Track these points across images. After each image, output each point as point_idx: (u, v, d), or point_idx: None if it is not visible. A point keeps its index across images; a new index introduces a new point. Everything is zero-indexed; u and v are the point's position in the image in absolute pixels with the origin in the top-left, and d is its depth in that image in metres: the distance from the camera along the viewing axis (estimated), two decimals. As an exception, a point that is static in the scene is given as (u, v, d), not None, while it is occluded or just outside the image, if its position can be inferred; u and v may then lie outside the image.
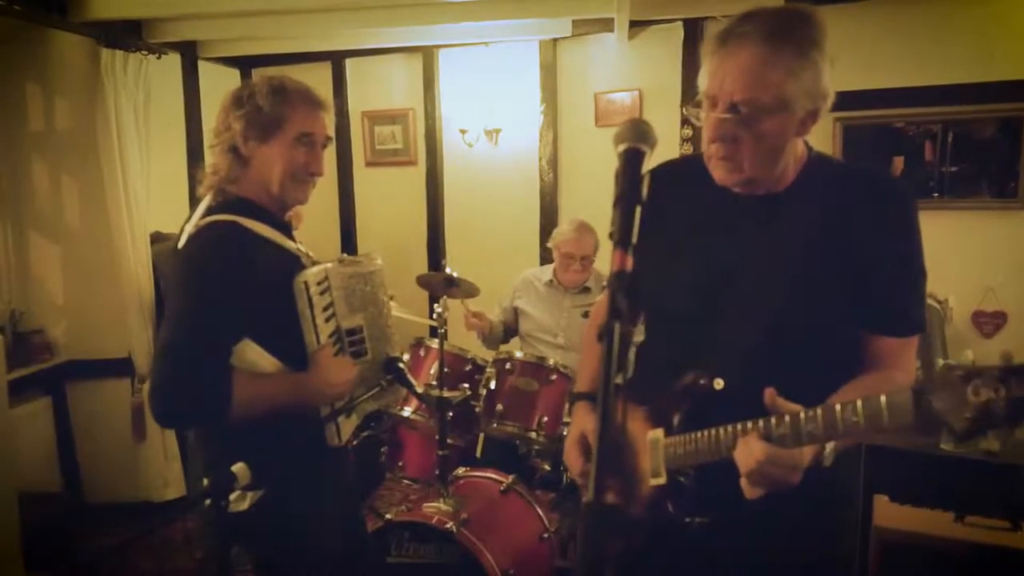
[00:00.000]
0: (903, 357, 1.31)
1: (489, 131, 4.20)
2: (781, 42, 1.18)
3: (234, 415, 1.55)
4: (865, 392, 1.16)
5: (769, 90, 1.18)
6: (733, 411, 1.16)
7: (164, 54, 3.83)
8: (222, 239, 1.60)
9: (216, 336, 1.56)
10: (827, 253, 1.25)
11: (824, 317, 1.27)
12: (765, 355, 1.26)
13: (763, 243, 1.30)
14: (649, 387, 1.41)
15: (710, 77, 1.23)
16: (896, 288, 1.28)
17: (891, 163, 3.43)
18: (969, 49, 3.22)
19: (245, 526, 1.55)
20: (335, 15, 3.74)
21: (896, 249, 1.28)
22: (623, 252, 0.89)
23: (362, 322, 1.84)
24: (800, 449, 1.09)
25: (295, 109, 1.67)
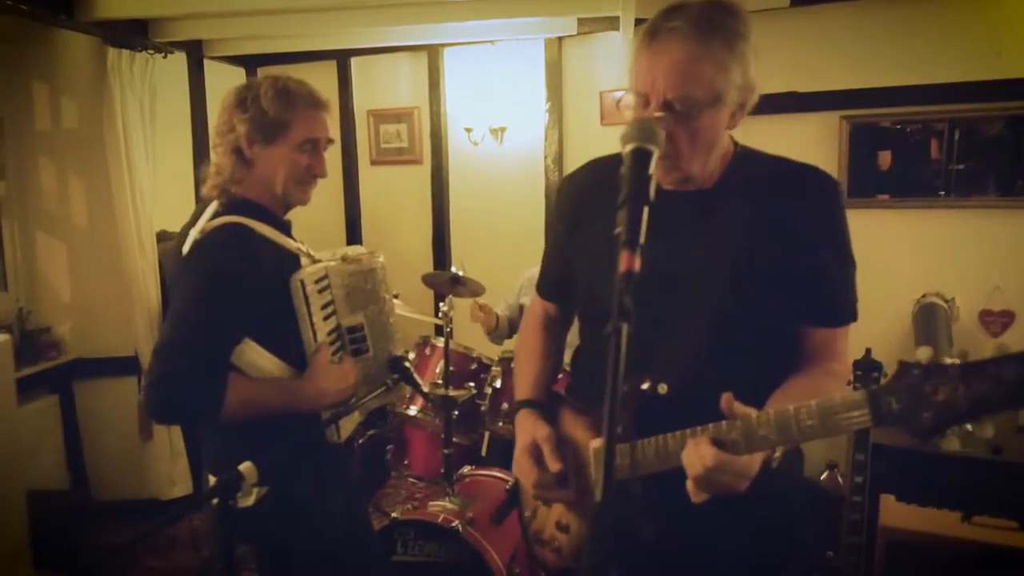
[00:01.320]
0: (838, 347, 1.32)
1: (494, 129, 4.20)
2: (710, 36, 1.16)
3: (227, 416, 1.56)
4: (807, 388, 1.19)
5: (702, 85, 1.16)
6: (678, 416, 1.14)
7: (170, 53, 3.84)
8: (230, 242, 1.61)
9: (215, 337, 1.57)
10: (761, 248, 1.24)
11: (763, 313, 1.26)
12: (707, 356, 1.25)
13: (696, 241, 1.27)
14: (588, 394, 1.38)
15: (640, 75, 1.19)
16: (829, 278, 1.28)
17: (877, 158, 3.42)
18: (976, 46, 3.20)
19: (249, 523, 1.56)
20: (340, 14, 3.74)
21: (826, 239, 1.27)
22: (631, 252, 0.89)
23: (363, 320, 1.84)
24: (751, 456, 1.07)
25: (299, 113, 1.68)
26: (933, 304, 3.19)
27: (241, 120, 1.65)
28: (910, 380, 0.88)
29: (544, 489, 1.35)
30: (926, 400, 0.86)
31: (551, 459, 1.32)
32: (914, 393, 0.88)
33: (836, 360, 1.30)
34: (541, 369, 1.54)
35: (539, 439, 1.35)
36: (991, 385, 0.82)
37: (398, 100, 4.48)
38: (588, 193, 1.42)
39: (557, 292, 1.57)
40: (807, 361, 1.28)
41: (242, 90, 1.69)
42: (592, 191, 1.41)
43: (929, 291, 3.27)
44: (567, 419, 1.43)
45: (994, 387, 0.82)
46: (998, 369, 0.82)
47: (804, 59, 3.50)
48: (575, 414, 1.41)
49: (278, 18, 3.74)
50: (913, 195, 3.38)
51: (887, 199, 3.44)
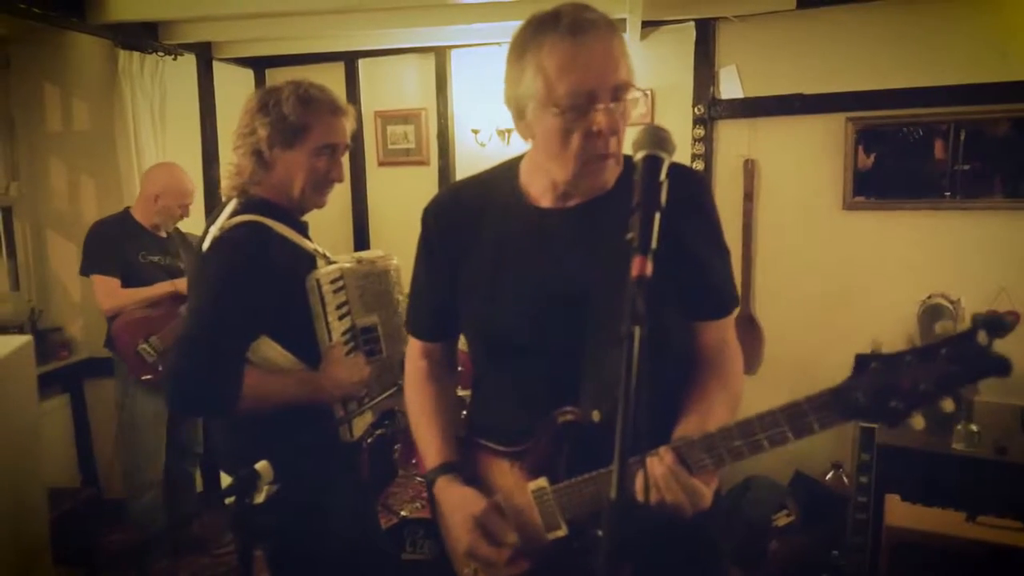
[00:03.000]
0: (730, 337, 1.33)
1: (501, 131, 4.21)
2: (616, 29, 1.15)
3: (244, 409, 1.59)
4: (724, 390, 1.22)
5: (628, 71, 1.14)
6: (613, 443, 1.09)
7: (180, 55, 3.87)
8: (248, 239, 1.64)
9: (233, 331, 1.61)
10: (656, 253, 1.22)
11: (669, 317, 1.24)
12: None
13: (596, 253, 1.21)
14: (498, 430, 1.32)
15: (579, 70, 1.10)
16: (715, 271, 1.29)
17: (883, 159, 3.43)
18: (982, 48, 3.21)
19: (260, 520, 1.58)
20: (348, 16, 3.76)
21: (708, 233, 1.28)
22: (643, 258, 0.92)
23: (377, 321, 1.87)
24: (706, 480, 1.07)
25: (320, 119, 1.71)
26: (939, 305, 3.20)
27: (262, 123, 1.68)
28: (871, 372, 0.93)
29: (498, 567, 1.24)
30: (890, 389, 0.91)
31: (505, 532, 1.23)
32: (877, 384, 0.92)
33: (732, 349, 1.32)
34: (444, 425, 1.41)
35: (480, 513, 1.24)
36: (946, 365, 0.87)
37: (405, 101, 4.51)
38: (462, 220, 1.34)
39: (440, 330, 1.46)
40: (706, 358, 1.29)
41: (264, 94, 1.72)
42: (466, 218, 1.34)
43: (935, 292, 3.28)
44: (486, 465, 1.34)
45: (949, 366, 0.87)
46: (949, 349, 0.87)
47: (810, 61, 3.51)
48: (495, 458, 1.31)
49: (286, 20, 3.77)
50: (919, 196, 3.39)
51: (892, 200, 3.45)
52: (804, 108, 3.52)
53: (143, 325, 3.09)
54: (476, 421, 1.44)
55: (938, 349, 0.88)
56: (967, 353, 0.86)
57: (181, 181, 3.26)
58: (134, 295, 3.12)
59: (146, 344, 3.08)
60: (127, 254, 3.16)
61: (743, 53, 3.65)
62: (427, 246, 1.40)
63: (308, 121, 1.70)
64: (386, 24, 3.79)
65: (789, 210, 3.59)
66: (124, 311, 3.09)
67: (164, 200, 3.19)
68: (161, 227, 3.25)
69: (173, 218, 3.26)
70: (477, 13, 3.59)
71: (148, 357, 3.08)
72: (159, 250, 3.25)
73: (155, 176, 3.25)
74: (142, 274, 3.16)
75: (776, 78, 3.58)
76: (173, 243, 3.30)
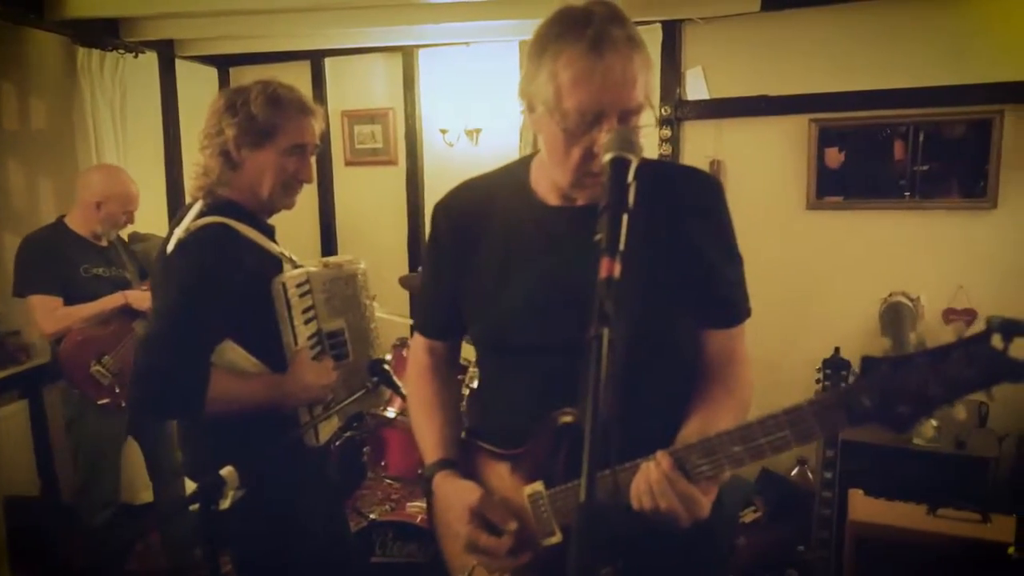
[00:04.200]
0: (739, 347, 1.31)
1: (470, 131, 4.21)
2: (639, 39, 1.12)
3: (209, 412, 1.57)
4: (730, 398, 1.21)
5: (644, 92, 1.12)
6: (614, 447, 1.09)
7: (141, 52, 3.80)
8: (213, 241, 1.62)
9: (198, 334, 1.59)
10: (664, 256, 1.21)
11: (678, 324, 1.24)
12: (632, 380, 1.15)
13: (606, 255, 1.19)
14: (497, 434, 1.31)
15: (590, 90, 1.08)
16: (725, 279, 1.27)
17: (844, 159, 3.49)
18: (940, 52, 3.28)
19: (225, 527, 1.56)
20: (314, 15, 3.72)
21: (719, 240, 1.27)
22: (611, 259, 0.92)
23: (343, 325, 1.86)
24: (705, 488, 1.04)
25: (289, 119, 1.69)
26: (899, 303, 3.27)
27: (230, 124, 1.66)
28: (880, 375, 0.88)
29: (500, 558, 1.20)
30: (899, 393, 0.86)
31: (506, 519, 1.19)
32: (886, 388, 0.87)
33: (740, 361, 1.30)
34: (444, 421, 1.40)
35: (478, 503, 1.21)
36: (958, 369, 0.83)
37: (373, 101, 4.48)
38: (472, 218, 1.33)
39: (446, 328, 1.45)
40: (714, 368, 1.27)
41: (232, 94, 1.70)
42: (475, 216, 1.33)
43: (895, 290, 3.35)
44: (484, 467, 1.32)
45: (961, 370, 0.82)
46: (962, 352, 0.83)
47: (775, 63, 3.56)
48: (492, 461, 1.30)
49: (251, 18, 3.72)
50: (879, 196, 3.46)
51: (855, 200, 3.51)
52: (769, 109, 3.57)
53: (94, 345, 2.83)
54: (476, 423, 1.42)
55: (950, 351, 0.83)
56: (981, 356, 0.81)
57: (125, 185, 2.99)
58: (80, 313, 2.83)
59: (99, 365, 2.83)
60: (67, 269, 2.86)
61: (709, 55, 3.69)
62: (436, 243, 1.39)
63: (277, 121, 1.68)
64: (353, 23, 3.76)
65: (754, 210, 3.64)
66: (70, 331, 2.81)
67: (108, 207, 2.91)
68: (102, 236, 2.99)
69: (117, 226, 3.01)
70: (445, 13, 3.58)
71: (103, 379, 2.84)
72: (102, 261, 2.98)
73: (95, 181, 2.95)
74: (86, 289, 2.87)
75: (741, 80, 3.62)
76: (116, 252, 3.07)
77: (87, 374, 2.84)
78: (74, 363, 2.83)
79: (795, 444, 0.96)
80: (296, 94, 1.74)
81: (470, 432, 1.40)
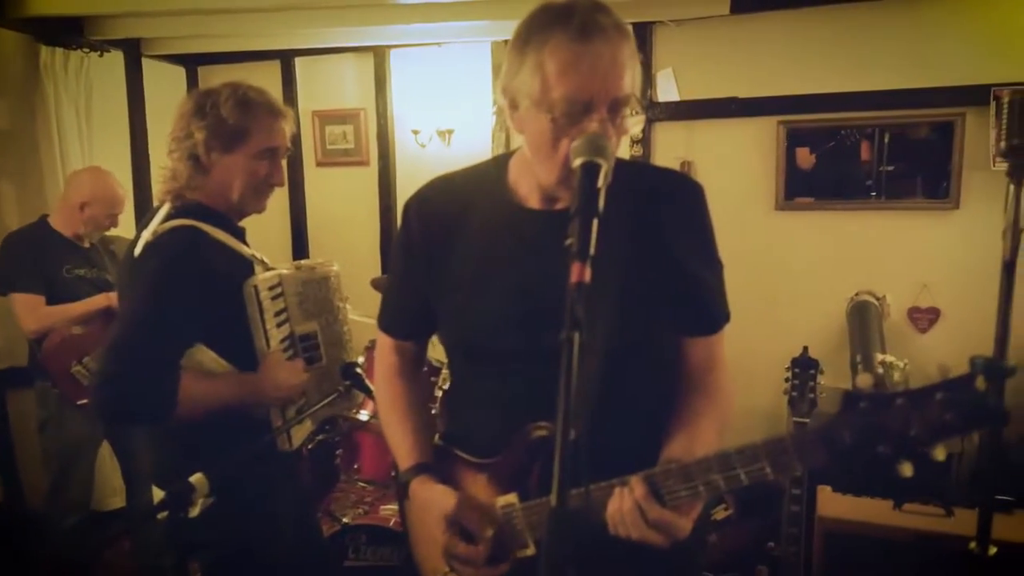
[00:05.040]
0: (718, 354, 1.29)
1: (442, 132, 4.20)
2: (627, 31, 1.11)
3: (180, 414, 1.54)
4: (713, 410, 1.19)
5: (632, 83, 1.10)
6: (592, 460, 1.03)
7: (106, 51, 3.74)
8: (181, 243, 1.60)
9: (168, 336, 1.56)
10: (644, 262, 1.19)
11: (658, 332, 1.22)
12: (611, 389, 1.15)
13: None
14: (470, 441, 1.28)
15: (580, 76, 1.05)
16: (707, 285, 1.26)
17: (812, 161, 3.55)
18: (904, 56, 3.35)
19: (196, 534, 1.54)
20: (284, 14, 3.69)
21: (701, 246, 1.26)
22: (582, 264, 0.91)
23: (316, 328, 1.85)
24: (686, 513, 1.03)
25: (259, 122, 1.68)
26: (865, 302, 3.33)
27: (199, 127, 1.64)
28: (860, 412, 0.86)
29: (477, 567, 1.18)
30: (878, 431, 0.84)
31: (482, 526, 1.17)
32: (866, 425, 0.86)
33: (718, 370, 1.28)
34: (416, 424, 1.37)
35: (455, 510, 1.19)
36: (941, 412, 0.81)
37: (344, 101, 4.45)
38: (446, 216, 1.29)
39: (414, 329, 1.42)
40: (692, 377, 1.26)
41: (201, 97, 1.67)
42: (449, 214, 1.29)
43: (862, 289, 3.41)
44: (458, 474, 1.30)
45: (943, 413, 0.81)
46: (945, 395, 0.81)
47: (744, 66, 3.60)
48: (466, 468, 1.28)
49: (220, 17, 3.68)
50: (847, 197, 3.52)
51: (822, 201, 3.57)
52: (738, 111, 3.61)
53: (76, 345, 2.84)
54: (449, 429, 1.40)
55: (933, 393, 0.82)
56: (964, 400, 0.80)
57: (111, 188, 3.01)
58: (63, 313, 2.85)
59: (80, 366, 2.83)
60: (50, 268, 2.89)
61: (679, 57, 3.72)
62: (407, 240, 1.34)
63: (247, 125, 1.66)
64: (324, 23, 3.74)
65: (724, 211, 3.61)
66: (52, 331, 2.83)
67: (92, 209, 2.94)
68: (85, 238, 3.01)
69: (100, 228, 3.03)
70: (416, 14, 3.58)
71: (84, 380, 2.82)
72: (85, 262, 3.00)
73: (81, 182, 2.98)
74: (68, 290, 2.89)
75: (712, 82, 3.66)
76: (98, 254, 3.07)
77: (68, 374, 2.84)
78: (56, 362, 2.83)
79: (773, 476, 0.95)
80: (266, 97, 1.72)
81: (444, 437, 1.39)
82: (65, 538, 3.01)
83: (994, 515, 1.42)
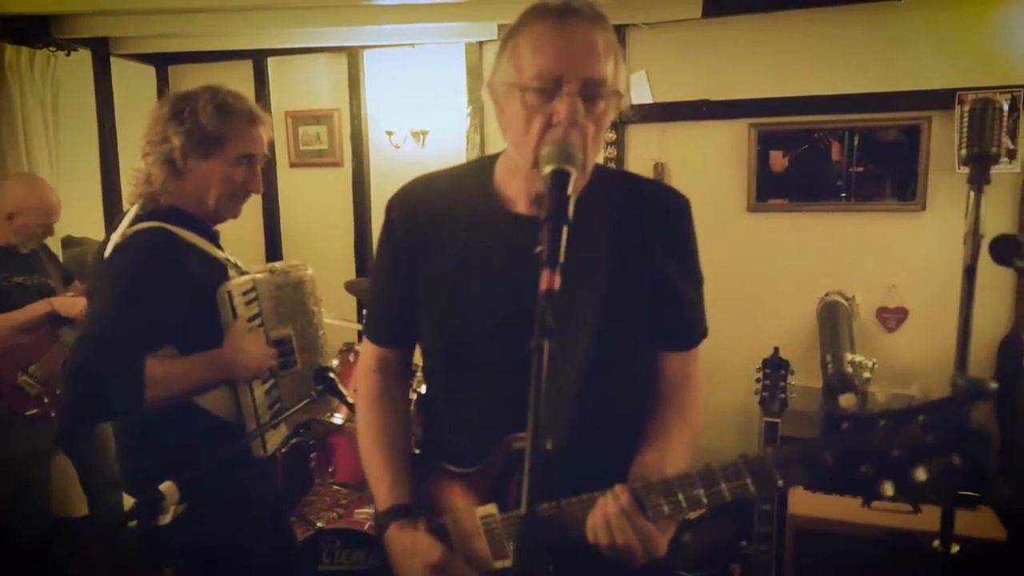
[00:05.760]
0: (694, 371, 1.28)
1: (416, 132, 4.19)
2: (610, 28, 1.12)
3: (149, 400, 1.51)
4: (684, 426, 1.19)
5: (610, 72, 1.09)
6: (569, 474, 1.05)
7: (74, 50, 3.68)
8: (152, 246, 1.59)
9: (134, 335, 1.54)
10: (626, 275, 1.17)
11: (635, 345, 1.21)
12: (590, 400, 1.15)
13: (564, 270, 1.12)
14: (447, 448, 1.26)
15: (550, 55, 1.06)
16: (687, 300, 1.25)
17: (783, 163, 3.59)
18: (872, 60, 3.40)
19: (167, 542, 1.53)
20: (256, 14, 3.66)
21: (683, 260, 1.25)
22: (551, 271, 0.90)
23: (291, 332, 1.84)
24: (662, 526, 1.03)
25: (238, 129, 1.67)
26: (835, 302, 3.38)
27: (177, 132, 1.62)
28: (842, 434, 0.87)
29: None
30: (861, 452, 0.85)
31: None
32: (847, 446, 0.86)
33: (693, 388, 1.27)
34: (395, 455, 1.31)
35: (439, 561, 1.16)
36: (922, 433, 0.81)
37: (317, 101, 4.42)
38: (430, 217, 1.26)
39: (398, 335, 1.37)
40: (666, 394, 1.25)
41: (178, 101, 1.66)
42: (434, 215, 1.26)
43: (832, 289, 3.46)
44: (437, 483, 1.27)
45: (926, 435, 0.81)
46: (927, 416, 0.82)
47: (716, 68, 3.63)
48: (445, 478, 1.25)
49: (191, 16, 3.64)
50: (817, 199, 3.57)
51: (793, 203, 3.61)
52: (710, 114, 3.64)
53: (20, 354, 2.73)
54: (427, 436, 1.37)
55: (915, 415, 0.83)
56: (945, 423, 0.81)
57: (43, 196, 2.87)
58: (4, 321, 2.72)
59: (26, 375, 2.74)
60: None
61: (652, 59, 3.74)
62: (389, 242, 1.30)
63: (226, 131, 1.65)
64: (296, 23, 3.72)
65: (696, 212, 3.67)
66: None
67: (22, 219, 2.80)
68: (19, 246, 2.88)
69: (33, 239, 2.90)
70: (390, 14, 3.56)
71: (30, 389, 2.75)
72: (24, 269, 2.86)
73: (9, 191, 2.83)
74: (8, 299, 2.77)
75: (684, 84, 3.69)
76: (38, 259, 2.96)
77: (14, 385, 2.75)
78: (0, 373, 2.73)
79: (756, 492, 0.95)
80: (245, 103, 1.71)
81: (421, 445, 1.37)
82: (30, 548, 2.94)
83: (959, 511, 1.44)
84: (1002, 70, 3.23)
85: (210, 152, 1.65)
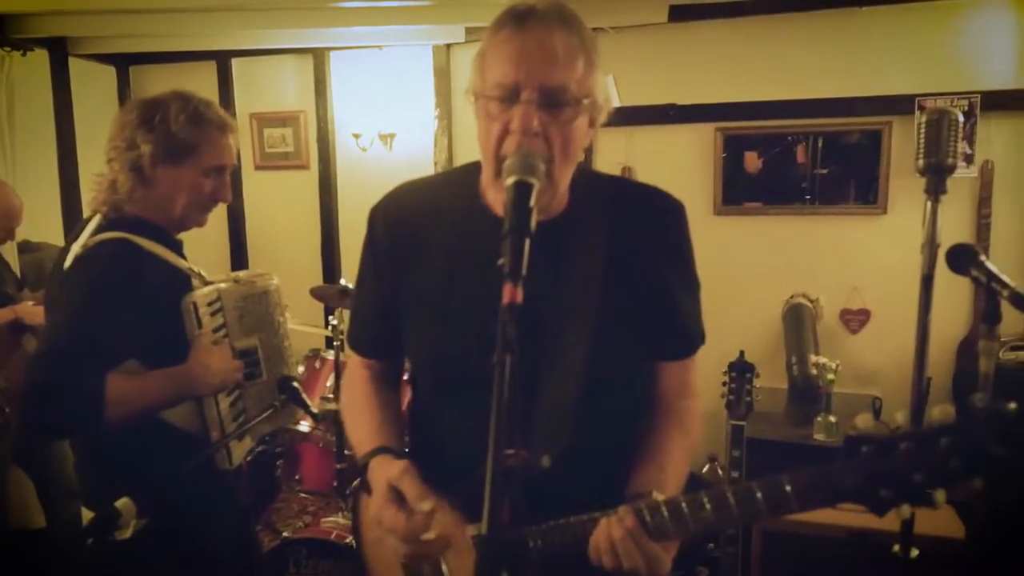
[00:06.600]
0: (690, 380, 1.26)
1: (383, 135, 4.16)
2: (582, 32, 1.06)
3: (110, 418, 1.47)
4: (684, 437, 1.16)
5: (576, 79, 1.04)
6: (567, 491, 1.03)
7: (30, 50, 3.59)
8: (114, 257, 1.55)
9: (97, 347, 1.50)
10: (623, 283, 1.14)
11: (631, 355, 1.18)
12: (586, 415, 1.11)
13: (554, 280, 1.11)
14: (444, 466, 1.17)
15: (509, 61, 1.03)
16: (684, 308, 1.23)
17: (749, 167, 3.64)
18: (835, 65, 3.46)
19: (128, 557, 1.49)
20: (220, 14, 3.61)
21: (680, 267, 1.22)
22: (514, 285, 0.88)
23: (256, 343, 1.81)
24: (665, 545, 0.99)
25: (209, 138, 1.64)
26: (800, 304, 3.42)
27: (146, 139, 1.58)
28: (863, 458, 0.84)
29: (418, 542, 1.05)
30: (881, 476, 0.82)
31: (418, 496, 1.05)
32: (867, 470, 0.83)
33: (691, 396, 1.25)
34: (382, 418, 1.27)
35: (394, 476, 1.08)
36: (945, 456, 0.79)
37: (283, 103, 4.37)
38: (414, 226, 1.21)
39: (382, 347, 1.33)
40: (663, 403, 1.23)
41: (148, 107, 1.61)
42: (418, 224, 1.21)
43: (797, 292, 3.51)
44: None
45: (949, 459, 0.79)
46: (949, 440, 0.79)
47: (682, 73, 3.67)
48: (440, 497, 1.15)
49: (152, 16, 3.57)
50: (782, 202, 3.61)
51: (758, 206, 3.66)
52: (677, 118, 3.67)
53: None
54: (416, 453, 1.30)
55: (937, 438, 0.79)
56: (969, 446, 0.78)
57: (5, 199, 2.83)
58: None
59: None
60: None
61: (620, 63, 3.75)
62: (373, 251, 1.26)
63: (198, 140, 1.62)
64: (261, 24, 3.67)
65: (665, 215, 3.73)
66: None
67: None
68: None
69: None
70: (356, 16, 3.54)
71: None
72: None
73: None
74: None
75: (651, 88, 3.72)
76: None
77: None
78: None
79: (768, 514, 0.92)
80: (216, 111, 1.68)
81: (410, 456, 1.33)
82: None
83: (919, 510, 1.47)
84: (961, 76, 3.30)
85: (180, 160, 1.62)
